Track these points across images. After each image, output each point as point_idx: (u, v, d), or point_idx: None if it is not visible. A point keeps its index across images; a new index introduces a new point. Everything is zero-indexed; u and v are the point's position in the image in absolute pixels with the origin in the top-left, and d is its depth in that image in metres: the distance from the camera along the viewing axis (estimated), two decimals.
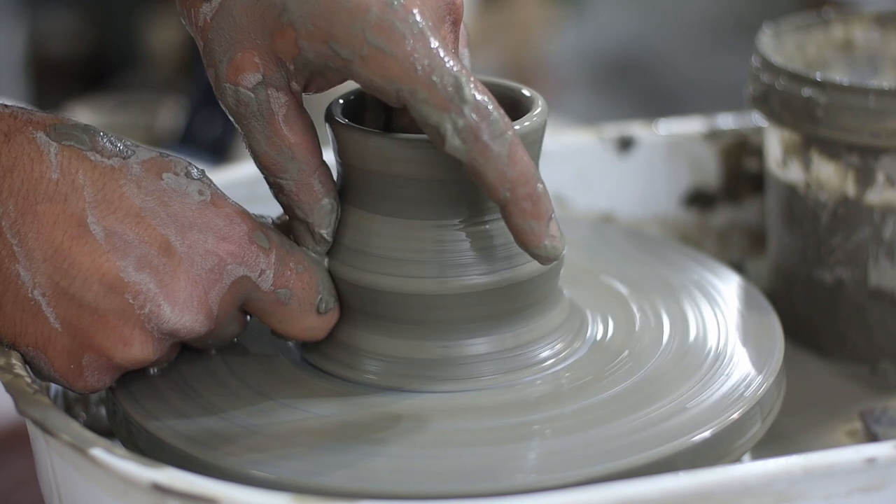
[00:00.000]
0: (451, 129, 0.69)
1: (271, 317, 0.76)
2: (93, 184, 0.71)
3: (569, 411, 0.74)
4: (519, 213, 0.71)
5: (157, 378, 0.77)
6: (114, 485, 0.67)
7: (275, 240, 0.75)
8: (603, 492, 0.65)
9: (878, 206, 0.92)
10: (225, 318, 0.75)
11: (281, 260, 0.74)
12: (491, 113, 0.70)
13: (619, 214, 1.08)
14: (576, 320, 0.81)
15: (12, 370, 0.74)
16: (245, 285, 0.74)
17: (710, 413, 0.74)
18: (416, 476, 0.69)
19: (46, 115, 0.73)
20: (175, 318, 0.72)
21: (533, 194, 0.71)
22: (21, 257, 0.71)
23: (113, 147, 0.73)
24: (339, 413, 0.74)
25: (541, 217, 0.71)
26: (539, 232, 0.71)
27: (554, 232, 0.72)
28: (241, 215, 0.74)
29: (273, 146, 0.74)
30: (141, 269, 0.71)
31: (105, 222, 0.71)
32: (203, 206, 0.73)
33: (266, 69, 0.73)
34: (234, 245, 0.73)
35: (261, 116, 0.74)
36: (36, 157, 0.71)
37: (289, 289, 0.75)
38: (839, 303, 0.95)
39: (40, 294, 0.71)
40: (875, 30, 1.04)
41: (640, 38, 3.83)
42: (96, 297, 0.71)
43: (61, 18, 3.23)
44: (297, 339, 0.77)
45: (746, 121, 1.08)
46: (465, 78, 0.69)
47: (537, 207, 0.71)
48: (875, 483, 0.67)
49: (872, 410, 0.89)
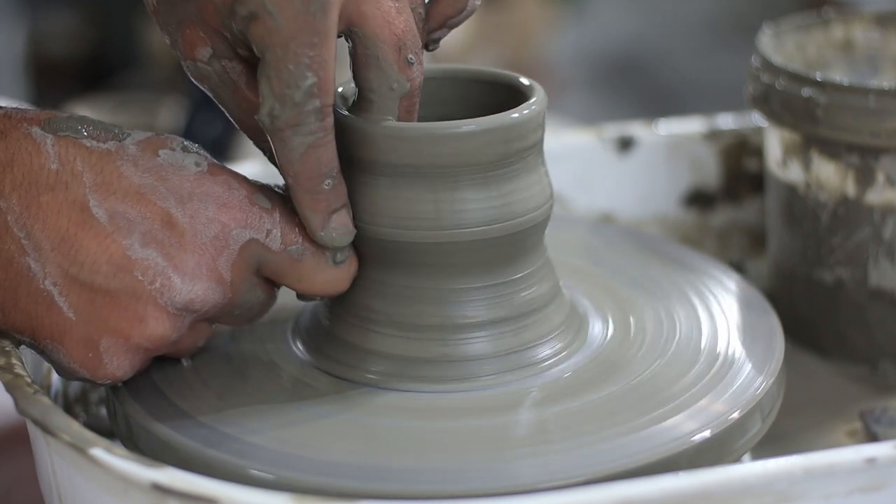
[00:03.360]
0: (268, 108, 0.71)
1: (289, 277, 0.76)
2: (91, 168, 0.72)
3: (569, 411, 0.74)
4: (297, 200, 0.74)
5: (158, 378, 0.78)
6: (114, 485, 0.67)
7: (277, 199, 0.75)
8: (603, 492, 0.65)
9: (878, 206, 0.92)
10: (241, 285, 0.75)
11: (286, 218, 0.75)
12: (309, 115, 0.71)
13: (619, 214, 1.08)
14: (576, 320, 0.81)
15: (12, 370, 0.74)
16: (254, 248, 0.74)
17: (710, 413, 0.74)
18: (416, 476, 0.69)
19: (40, 111, 0.74)
20: (186, 288, 0.72)
21: (313, 190, 0.73)
22: (30, 250, 0.71)
23: (108, 132, 0.73)
24: (340, 413, 0.74)
25: (317, 211, 0.74)
26: (315, 223, 0.74)
27: (336, 224, 0.74)
28: (239, 180, 0.75)
29: (244, 112, 0.76)
30: (147, 245, 0.71)
31: (107, 204, 0.71)
32: (200, 176, 0.73)
33: (212, 41, 0.75)
34: (236, 209, 0.73)
35: (225, 86, 0.76)
36: (34, 151, 0.72)
37: (300, 245, 0.75)
38: (839, 303, 0.95)
39: (52, 284, 0.71)
40: (875, 30, 1.04)
41: (640, 38, 3.83)
42: (106, 279, 0.71)
43: (61, 18, 3.23)
44: (322, 295, 0.77)
45: (746, 121, 1.08)
46: (312, 80, 0.70)
47: (316, 202, 0.73)
48: (875, 483, 0.67)
49: (872, 410, 0.89)
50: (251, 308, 0.77)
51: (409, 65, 0.74)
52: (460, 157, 0.75)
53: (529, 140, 0.76)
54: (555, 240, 0.83)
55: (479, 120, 0.75)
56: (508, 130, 0.75)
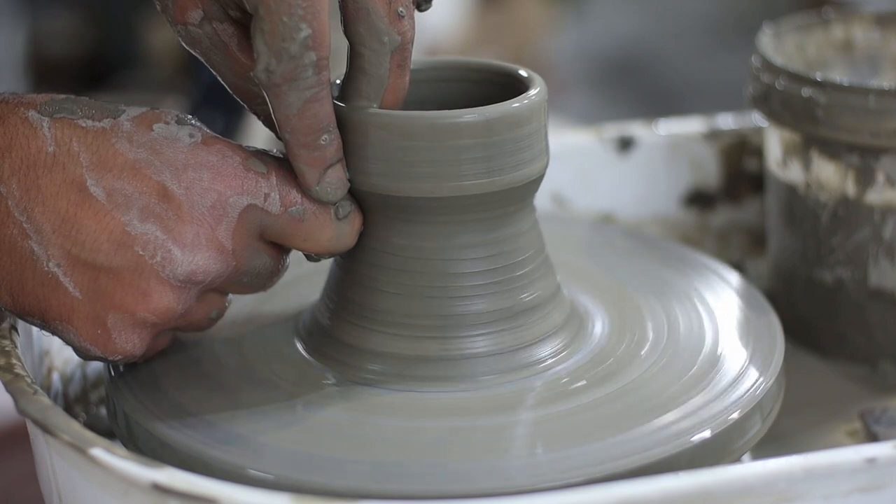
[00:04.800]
0: (263, 63, 0.71)
1: (294, 238, 0.75)
2: (87, 148, 0.72)
3: (569, 411, 0.74)
4: (294, 155, 0.73)
5: (158, 378, 0.78)
6: (114, 485, 0.67)
7: (272, 163, 0.75)
8: (603, 492, 0.65)
9: (878, 206, 0.92)
10: (244, 252, 0.75)
11: (283, 180, 0.75)
12: (306, 69, 0.71)
13: (619, 214, 1.08)
14: (576, 321, 0.81)
15: (12, 370, 0.74)
16: (254, 214, 0.74)
17: (710, 413, 0.74)
18: (416, 475, 0.69)
19: (36, 95, 0.74)
20: (187, 259, 0.72)
21: (311, 145, 0.73)
22: (32, 233, 0.71)
23: (103, 110, 0.74)
24: (340, 413, 0.74)
25: (314, 166, 0.74)
26: (310, 178, 0.74)
27: (330, 179, 0.74)
28: (233, 148, 0.75)
29: (237, 76, 0.76)
30: (145, 220, 0.72)
31: (104, 182, 0.72)
32: (194, 147, 0.74)
33: (203, 4, 0.75)
34: (231, 177, 0.73)
35: (217, 50, 0.76)
36: (31, 134, 0.72)
37: (300, 205, 0.75)
38: (839, 303, 0.95)
39: (55, 265, 0.72)
40: (875, 30, 1.04)
41: (640, 38, 3.83)
42: (108, 257, 0.72)
43: (61, 18, 3.23)
44: (329, 252, 0.77)
45: (746, 121, 1.08)
46: (307, 32, 0.70)
47: (312, 158, 0.73)
48: (875, 483, 0.67)
49: (872, 410, 0.89)
50: (260, 274, 0.76)
51: (400, 18, 0.74)
52: None
53: (528, 129, 0.76)
54: (555, 240, 0.83)
55: (479, 109, 0.75)
56: (509, 120, 0.75)
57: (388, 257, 0.77)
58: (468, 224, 0.76)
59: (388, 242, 0.77)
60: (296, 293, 0.85)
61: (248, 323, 0.83)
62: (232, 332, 0.82)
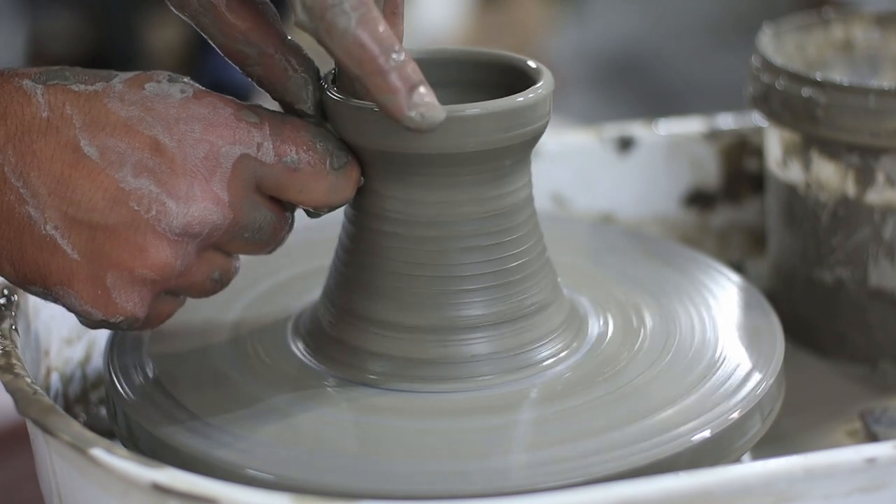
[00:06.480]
0: (300, 4, 0.70)
1: (290, 189, 0.75)
2: (79, 110, 0.72)
3: (568, 411, 0.74)
4: (373, 89, 0.71)
5: (158, 378, 0.78)
6: (114, 485, 0.67)
7: (265, 114, 0.75)
8: (603, 492, 0.65)
9: (878, 206, 0.92)
10: (241, 204, 0.74)
11: (276, 129, 0.74)
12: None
13: (619, 214, 1.08)
14: (575, 321, 0.81)
15: (12, 370, 0.74)
16: (247, 164, 0.74)
17: (711, 413, 0.74)
18: (416, 476, 0.69)
19: (32, 67, 0.75)
20: (182, 211, 0.72)
21: (382, 70, 0.70)
22: (28, 198, 0.72)
23: (96, 76, 0.74)
24: (340, 413, 0.74)
25: (393, 91, 0.70)
26: (396, 105, 0.70)
27: (419, 101, 0.71)
28: (224, 101, 0.75)
29: (227, 37, 0.76)
30: (139, 175, 0.72)
31: (97, 141, 0.72)
32: (185, 101, 0.74)
33: None
34: (222, 127, 0.73)
35: (206, 11, 0.75)
36: (24, 102, 0.72)
37: (294, 154, 0.74)
38: (839, 303, 0.95)
39: (53, 228, 0.72)
40: (875, 30, 1.04)
41: (640, 38, 3.83)
42: (103, 215, 0.72)
43: (61, 18, 3.23)
44: (327, 205, 0.76)
45: (746, 121, 1.08)
46: None
47: (387, 82, 0.70)
48: (875, 483, 0.67)
49: (872, 410, 0.89)
50: (261, 229, 0.76)
51: None
52: (465, 140, 0.74)
53: (535, 124, 0.76)
54: (555, 240, 0.83)
55: (484, 104, 0.75)
56: (514, 114, 0.75)
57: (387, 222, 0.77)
58: (465, 178, 0.76)
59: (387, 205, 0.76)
60: (296, 293, 0.85)
61: (249, 323, 0.83)
62: (232, 332, 0.82)
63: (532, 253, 0.79)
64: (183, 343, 0.81)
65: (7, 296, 0.82)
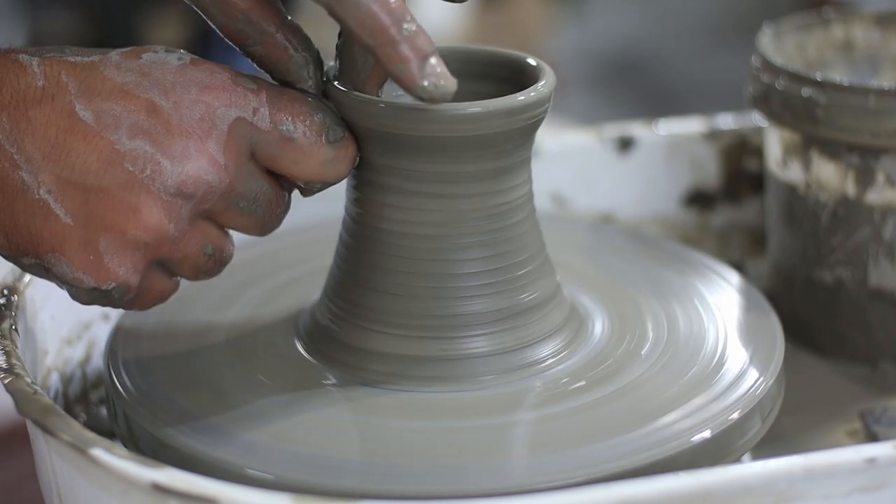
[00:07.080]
0: None
1: (285, 159, 0.74)
2: (76, 78, 0.72)
3: (569, 411, 0.74)
4: (385, 59, 0.71)
5: (158, 378, 0.78)
6: (114, 485, 0.67)
7: (263, 83, 0.75)
8: (603, 492, 0.65)
9: (878, 206, 0.92)
10: (238, 170, 0.74)
11: (273, 97, 0.74)
12: None
13: (619, 214, 1.08)
14: (575, 321, 0.81)
15: (12, 370, 0.74)
16: (243, 128, 0.73)
17: (710, 413, 0.74)
18: (416, 476, 0.69)
19: (28, 47, 0.75)
20: (176, 170, 0.72)
21: (394, 40, 0.70)
22: (22, 163, 0.72)
23: (92, 50, 0.74)
24: (340, 413, 0.75)
25: (405, 61, 0.70)
26: (409, 74, 0.70)
27: (431, 71, 0.71)
28: (222, 67, 0.75)
29: (228, 16, 0.75)
30: (134, 137, 0.72)
31: (92, 105, 0.72)
32: (183, 67, 0.74)
33: None
34: (219, 89, 0.73)
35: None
36: (20, 72, 0.72)
37: (290, 123, 0.74)
38: (839, 303, 0.95)
39: (46, 192, 0.72)
40: (875, 30, 1.04)
41: (640, 38, 3.83)
42: (97, 176, 0.72)
43: (61, 18, 3.23)
44: (321, 179, 0.75)
45: (746, 121, 1.08)
46: None
47: (398, 52, 0.70)
48: (875, 483, 0.67)
49: (872, 410, 0.89)
50: (256, 199, 0.75)
51: None
52: (468, 135, 0.74)
53: (536, 122, 0.76)
54: (555, 240, 0.83)
55: (485, 102, 0.75)
56: (515, 112, 0.75)
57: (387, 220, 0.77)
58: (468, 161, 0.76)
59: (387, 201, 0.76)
60: (296, 293, 0.85)
61: (248, 323, 0.83)
62: (232, 332, 0.82)
63: (532, 251, 0.79)
64: (183, 343, 0.81)
65: (7, 296, 0.82)
